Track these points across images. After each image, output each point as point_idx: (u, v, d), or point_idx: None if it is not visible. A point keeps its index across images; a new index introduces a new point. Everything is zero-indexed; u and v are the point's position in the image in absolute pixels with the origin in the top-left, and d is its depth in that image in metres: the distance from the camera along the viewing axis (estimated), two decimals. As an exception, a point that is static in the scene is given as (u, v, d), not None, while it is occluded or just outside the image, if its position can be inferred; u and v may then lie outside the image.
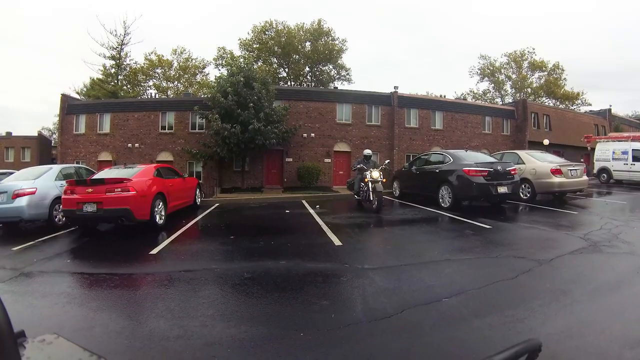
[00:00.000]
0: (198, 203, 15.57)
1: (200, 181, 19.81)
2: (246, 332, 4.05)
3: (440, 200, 12.96)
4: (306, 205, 15.52)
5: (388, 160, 16.96)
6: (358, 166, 13.92)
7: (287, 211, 14.03)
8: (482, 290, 5.16)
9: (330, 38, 48.16)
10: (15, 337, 1.06)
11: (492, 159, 13.72)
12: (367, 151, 14.93)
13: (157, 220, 10.72)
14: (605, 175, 23.98)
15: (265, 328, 4.16)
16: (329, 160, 26.67)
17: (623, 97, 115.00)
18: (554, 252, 6.96)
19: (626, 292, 5.19)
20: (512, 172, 12.89)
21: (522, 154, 15.72)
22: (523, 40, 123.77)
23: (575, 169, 14.60)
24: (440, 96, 37.73)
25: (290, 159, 26.13)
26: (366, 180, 13.08)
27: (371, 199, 12.78)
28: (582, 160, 27.11)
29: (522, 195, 14.42)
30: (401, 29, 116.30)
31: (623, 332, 3.92)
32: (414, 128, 29.25)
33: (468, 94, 61.98)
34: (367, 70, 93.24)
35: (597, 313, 4.44)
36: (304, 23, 48.40)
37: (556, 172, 13.99)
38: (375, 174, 12.87)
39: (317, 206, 14.88)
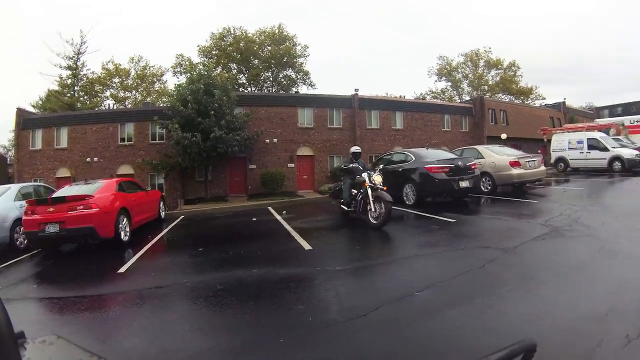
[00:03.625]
0: (163, 216, 15.36)
1: (163, 193, 19.50)
2: (226, 343, 4.06)
3: (405, 198, 13.16)
4: (272, 211, 15.46)
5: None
6: (350, 166, 11.29)
7: (254, 219, 13.93)
8: (452, 281, 5.32)
9: (291, 43, 47.94)
10: (16, 338, 1.07)
11: (452, 156, 14.15)
12: (356, 148, 12.03)
13: (122, 236, 10.46)
14: (562, 165, 24.97)
15: (244, 337, 4.17)
16: (293, 165, 26.59)
17: (576, 89, 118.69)
18: (517, 240, 7.18)
19: (589, 271, 5.44)
20: (473, 167, 13.23)
21: (481, 148, 16.17)
22: (480, 39, 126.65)
23: (533, 160, 15.17)
24: (400, 97, 38.23)
25: (254, 166, 25.88)
26: (366, 184, 10.02)
27: (373, 209, 9.63)
28: (539, 151, 27.79)
29: (483, 188, 14.71)
30: (359, 31, 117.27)
31: (589, 308, 4.14)
32: (375, 129, 29.55)
33: (427, 94, 63.02)
34: (328, 74, 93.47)
35: (563, 293, 4.64)
36: (265, 28, 48.05)
37: (515, 164, 14.44)
38: (378, 178, 10.10)
39: (284, 212, 14.83)
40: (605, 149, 22.31)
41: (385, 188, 9.91)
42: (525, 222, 9.08)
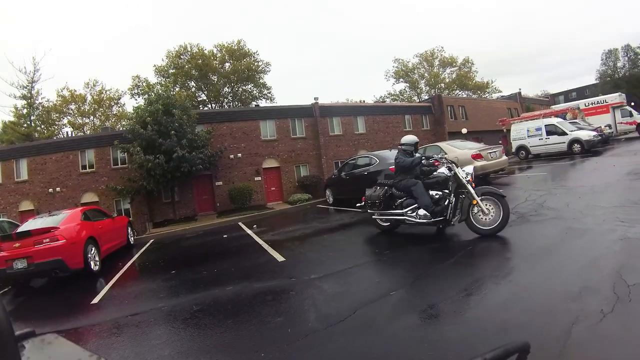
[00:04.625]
0: (132, 242, 15.12)
1: (130, 219, 19.18)
2: (207, 364, 4.04)
3: None
4: (243, 227, 15.39)
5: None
6: (422, 160, 8.49)
7: (225, 236, 13.83)
8: (426, 276, 5.47)
9: (252, 59, 47.68)
10: (16, 338, 1.08)
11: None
12: (412, 137, 8.98)
13: (92, 266, 10.28)
14: (523, 152, 25.70)
15: (225, 356, 4.18)
16: (260, 178, 26.45)
17: (531, 79, 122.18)
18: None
19: (558, 252, 5.64)
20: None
21: (443, 145, 16.51)
22: (433, 38, 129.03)
23: (494, 151, 15.62)
24: (361, 101, 38.69)
25: (220, 182, 25.61)
26: (462, 180, 7.33)
27: (484, 211, 7.17)
28: (500, 142, 28.64)
29: None
30: (318, 40, 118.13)
31: (562, 287, 4.30)
32: (338, 135, 29.70)
33: (387, 97, 64.04)
34: (287, 85, 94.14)
35: (537, 276, 4.81)
36: (224, 44, 47.55)
37: (477, 156, 14.81)
38: (469, 168, 7.86)
39: (255, 226, 14.78)
40: (564, 133, 23.02)
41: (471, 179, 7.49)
42: None
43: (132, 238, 15.41)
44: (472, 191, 7.19)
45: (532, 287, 4.48)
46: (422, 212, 7.71)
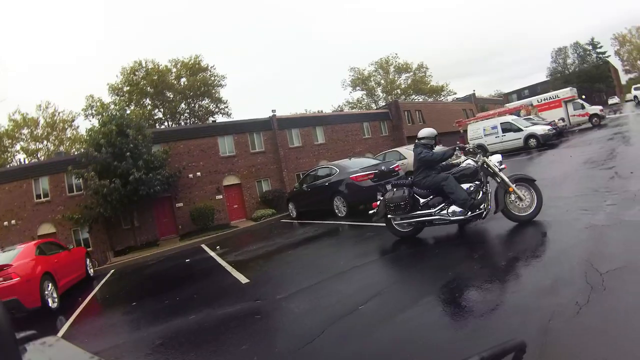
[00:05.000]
0: (91, 274, 14.56)
1: (90, 249, 18.55)
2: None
3: (337, 210, 13.36)
4: (206, 249, 15.01)
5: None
6: (455, 151, 7.95)
7: (187, 260, 13.45)
8: (395, 286, 5.41)
9: (209, 73, 47.06)
10: (18, 340, 1.12)
11: (375, 162, 14.42)
12: (431, 130, 8.37)
13: (49, 304, 9.73)
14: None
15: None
16: (221, 196, 25.94)
17: (484, 79, 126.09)
18: (450, 231, 7.49)
19: (526, 249, 5.65)
20: (397, 169, 13.67)
21: (402, 150, 16.76)
22: (388, 44, 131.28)
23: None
24: (319, 112, 38.81)
25: (181, 204, 24.90)
26: (494, 169, 7.25)
27: (522, 198, 7.01)
28: (458, 142, 29.08)
29: None
30: (273, 53, 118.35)
31: (534, 284, 4.32)
32: (298, 147, 29.61)
33: (345, 105, 64.67)
34: (246, 99, 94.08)
35: (506, 278, 4.80)
36: (180, 59, 46.53)
37: None
38: (496, 156, 7.61)
39: (218, 247, 14.41)
40: (519, 130, 23.88)
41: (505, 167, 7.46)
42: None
43: (92, 270, 14.88)
44: (506, 179, 7.05)
45: (502, 289, 4.45)
46: (454, 208, 7.08)
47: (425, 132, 8.14)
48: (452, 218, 7.11)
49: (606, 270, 4.01)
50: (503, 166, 7.30)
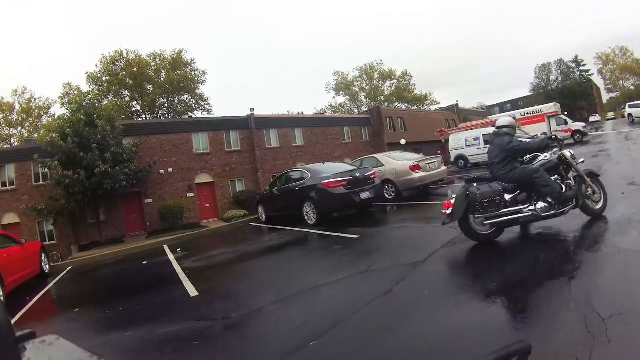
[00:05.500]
0: (46, 270, 13.52)
1: (54, 242, 17.39)
2: None
3: (306, 217, 12.52)
4: (167, 250, 14.04)
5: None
6: (544, 141, 6.91)
7: (144, 263, 12.53)
8: (359, 315, 4.53)
9: (189, 68, 45.84)
10: (17, 339, 1.12)
11: (350, 168, 13.72)
12: (508, 118, 7.93)
13: (-7, 304, 8.76)
14: (462, 162, 26.57)
15: None
16: (192, 195, 24.95)
17: (466, 90, 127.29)
18: (426, 249, 6.61)
19: (511, 271, 5.05)
20: (372, 177, 12.92)
21: (380, 157, 16.10)
22: (374, 51, 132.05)
23: (433, 162, 15.35)
24: (299, 113, 38.07)
25: (150, 200, 23.84)
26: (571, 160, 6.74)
27: (595, 191, 6.91)
28: (439, 152, 29.17)
29: (387, 196, 14.71)
30: (257, 52, 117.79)
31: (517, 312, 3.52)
32: (275, 148, 28.84)
33: (328, 109, 64.25)
34: (228, 96, 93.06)
35: (489, 302, 4.23)
36: (161, 51, 45.25)
37: (415, 168, 14.51)
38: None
39: (179, 249, 13.48)
40: None
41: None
42: (433, 227, 8.53)
43: (47, 266, 13.81)
44: (582, 173, 6.71)
45: (482, 318, 3.76)
46: (542, 204, 6.32)
47: (506, 120, 7.38)
48: (542, 214, 6.31)
49: (609, 315, 3.35)
50: (582, 160, 6.90)
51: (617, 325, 3.13)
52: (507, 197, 6.47)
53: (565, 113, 36.17)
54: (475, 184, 6.58)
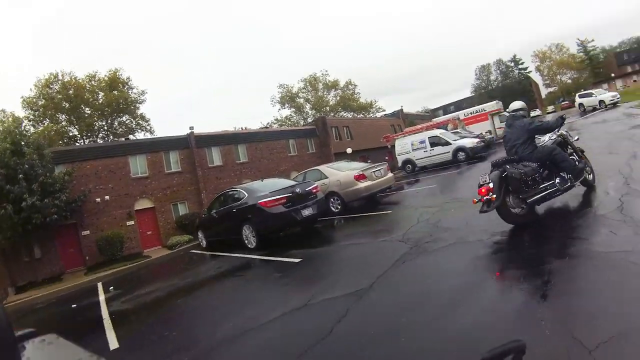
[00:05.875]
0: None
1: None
2: None
3: (246, 241, 11.50)
4: (100, 289, 12.80)
5: None
6: (558, 121, 7.18)
7: (73, 306, 11.23)
8: None
9: (126, 87, 43.70)
10: (17, 338, 1.17)
11: (290, 183, 12.80)
12: (519, 101, 7.95)
13: None
14: (410, 166, 26.53)
15: None
16: (132, 222, 23.38)
17: (411, 97, 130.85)
18: (373, 272, 5.84)
19: (475, 300, 4.22)
20: (314, 191, 12.09)
21: (324, 168, 15.42)
22: (318, 62, 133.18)
23: (379, 169, 14.84)
24: (242, 128, 37.18)
25: (87, 232, 22.04)
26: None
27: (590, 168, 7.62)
28: (386, 157, 29.19)
29: (334, 209, 14.18)
30: (200, 68, 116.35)
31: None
32: (218, 166, 27.78)
33: (274, 122, 63.46)
34: (171, 117, 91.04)
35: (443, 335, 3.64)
36: (96, 72, 43.03)
37: (360, 177, 14.00)
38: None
39: (111, 287, 12.29)
40: (447, 143, 24.08)
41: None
42: (381, 242, 7.87)
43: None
44: (577, 149, 7.41)
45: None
46: (559, 179, 6.68)
47: (518, 103, 7.74)
48: (562, 187, 6.63)
49: (596, 345, 2.82)
50: (576, 137, 7.70)
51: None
52: (535, 175, 6.46)
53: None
54: (510, 166, 6.51)
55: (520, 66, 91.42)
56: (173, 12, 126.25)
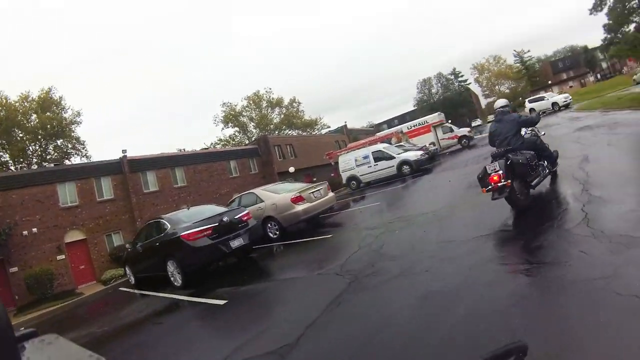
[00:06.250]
0: None
1: None
2: None
3: (172, 278, 10.20)
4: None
5: None
6: (539, 115, 9.41)
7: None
8: None
9: (59, 108, 41.11)
10: (17, 339, 1.18)
11: (220, 210, 11.39)
12: (503, 99, 8.87)
13: None
14: (355, 182, 26.06)
15: None
16: (63, 257, 21.59)
17: (356, 113, 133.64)
18: (304, 318, 5.02)
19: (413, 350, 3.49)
20: (245, 218, 10.97)
21: (259, 191, 14.31)
22: (262, 80, 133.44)
23: (318, 190, 13.98)
24: (180, 150, 35.95)
25: (15, 268, 20.15)
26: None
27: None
28: (332, 174, 28.79)
29: (272, 235, 13.17)
30: (140, 90, 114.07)
31: None
32: (154, 192, 26.34)
33: (217, 143, 62.13)
34: (110, 141, 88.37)
35: None
36: (29, 91, 40.26)
37: (297, 200, 13.00)
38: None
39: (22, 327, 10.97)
40: (391, 157, 23.88)
41: None
42: (317, 277, 7.00)
43: None
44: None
45: None
46: (545, 164, 7.98)
47: (503, 101, 8.51)
48: (548, 172, 7.96)
49: None
50: (543, 133, 8.71)
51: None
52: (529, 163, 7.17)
53: (449, 121, 38.11)
54: (513, 155, 6.95)
55: (460, 78, 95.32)
56: (111, 24, 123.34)
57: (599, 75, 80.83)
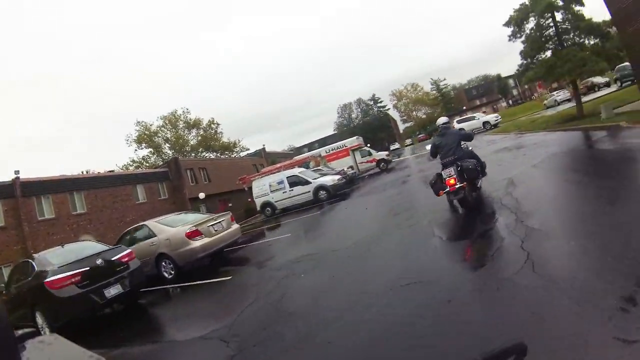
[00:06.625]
0: None
1: None
2: None
3: (42, 333, 7.90)
4: None
5: None
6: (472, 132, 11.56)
7: None
8: None
9: None
10: (16, 339, 1.16)
11: (94, 250, 9.49)
12: (444, 117, 9.59)
13: None
14: (269, 209, 25.36)
15: None
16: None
17: (277, 136, 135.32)
18: None
19: None
20: (125, 260, 9.36)
21: (152, 224, 12.32)
22: (180, 101, 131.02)
23: (219, 222, 12.44)
24: (84, 172, 33.54)
25: None
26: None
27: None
28: (250, 200, 27.53)
29: (166, 275, 11.52)
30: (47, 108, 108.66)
31: None
32: (50, 219, 23.65)
33: (130, 164, 58.76)
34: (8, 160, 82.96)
35: None
36: None
37: (193, 234, 11.35)
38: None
39: None
40: (307, 182, 23.34)
41: None
42: (198, 343, 5.65)
43: None
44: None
45: None
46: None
47: (444, 118, 9.48)
48: (482, 177, 8.91)
49: None
50: (470, 147, 9.48)
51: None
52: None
53: (369, 145, 39.13)
54: (462, 162, 8.00)
55: (379, 104, 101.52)
56: (33, 32, 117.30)
57: (510, 101, 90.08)
